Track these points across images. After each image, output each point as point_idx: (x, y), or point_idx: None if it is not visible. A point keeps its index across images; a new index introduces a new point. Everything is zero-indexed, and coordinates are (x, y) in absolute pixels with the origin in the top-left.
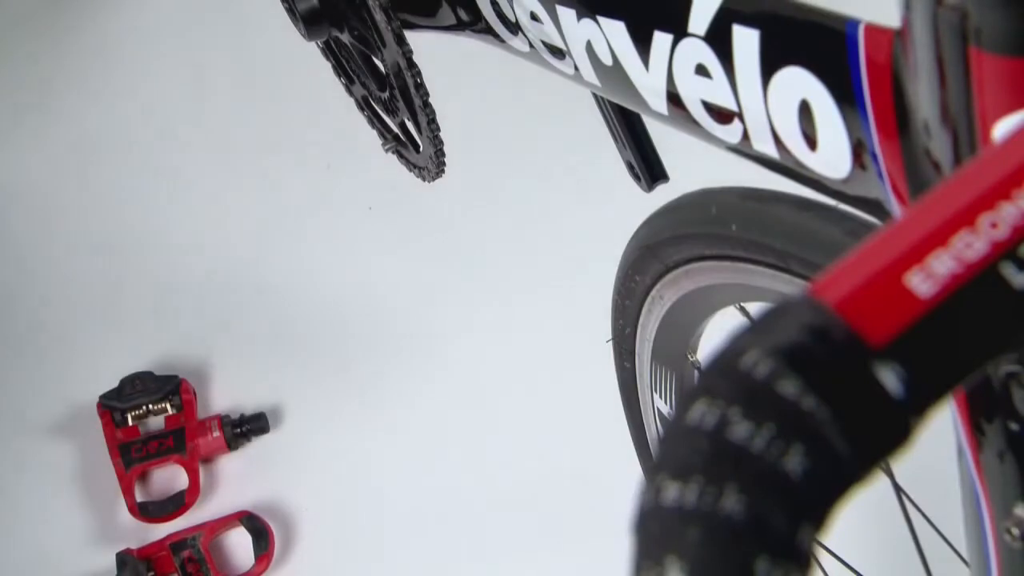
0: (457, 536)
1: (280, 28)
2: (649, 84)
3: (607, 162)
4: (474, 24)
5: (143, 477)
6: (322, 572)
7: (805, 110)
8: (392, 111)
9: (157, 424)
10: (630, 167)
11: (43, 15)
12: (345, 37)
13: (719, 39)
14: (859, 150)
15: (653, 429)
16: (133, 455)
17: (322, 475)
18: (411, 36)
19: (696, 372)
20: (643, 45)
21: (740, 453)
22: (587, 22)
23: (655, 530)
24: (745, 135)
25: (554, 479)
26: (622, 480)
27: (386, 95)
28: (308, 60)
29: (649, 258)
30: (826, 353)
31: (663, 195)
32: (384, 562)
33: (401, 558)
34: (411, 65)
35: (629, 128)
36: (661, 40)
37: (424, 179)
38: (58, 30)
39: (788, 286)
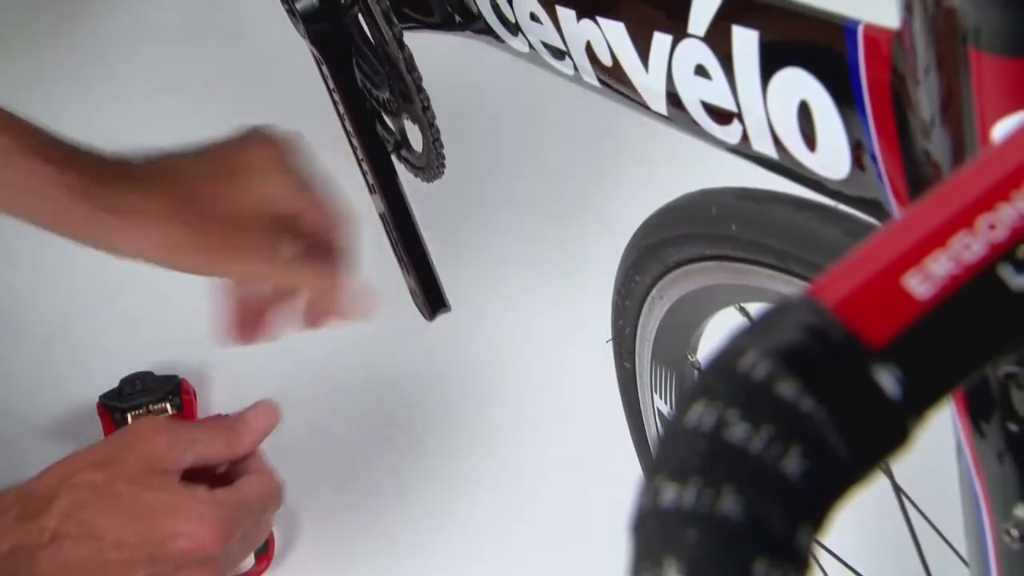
0: (457, 535)
1: (279, 26)
2: (649, 85)
3: (607, 162)
4: (474, 24)
5: None
6: (322, 572)
7: (804, 111)
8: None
9: None
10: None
11: (42, 13)
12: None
13: (718, 40)
14: (858, 151)
15: (653, 429)
16: None
17: (322, 475)
18: (409, 36)
19: (696, 372)
20: (643, 46)
21: (738, 454)
22: (587, 23)
23: (653, 531)
24: (744, 136)
25: (553, 479)
26: (621, 480)
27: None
28: (307, 59)
29: (649, 258)
30: (824, 354)
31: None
32: (385, 562)
33: (402, 559)
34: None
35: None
36: (660, 41)
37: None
38: (56, 28)
39: (788, 286)
